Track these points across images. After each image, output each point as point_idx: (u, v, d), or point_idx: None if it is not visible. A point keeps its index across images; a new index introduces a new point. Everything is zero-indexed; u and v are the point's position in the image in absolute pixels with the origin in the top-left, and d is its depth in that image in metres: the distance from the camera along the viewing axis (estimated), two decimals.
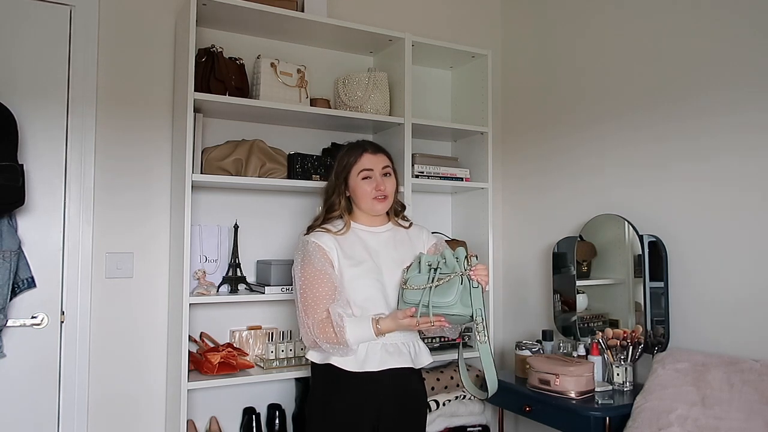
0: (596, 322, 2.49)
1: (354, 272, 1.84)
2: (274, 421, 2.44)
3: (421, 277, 1.79)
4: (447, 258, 1.79)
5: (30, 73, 2.20)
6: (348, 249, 1.88)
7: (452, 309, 1.72)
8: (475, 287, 1.73)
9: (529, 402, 2.26)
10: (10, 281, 2.06)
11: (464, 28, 3.11)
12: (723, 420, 1.80)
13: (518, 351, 2.51)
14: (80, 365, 2.24)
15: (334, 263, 1.85)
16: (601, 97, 2.59)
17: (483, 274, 1.74)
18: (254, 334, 2.48)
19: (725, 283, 2.10)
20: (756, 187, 2.02)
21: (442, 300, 1.72)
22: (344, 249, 1.88)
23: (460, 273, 1.74)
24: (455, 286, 1.72)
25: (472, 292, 1.73)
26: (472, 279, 1.72)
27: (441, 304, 1.71)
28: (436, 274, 1.76)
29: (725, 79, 2.12)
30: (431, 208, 2.99)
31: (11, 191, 1.94)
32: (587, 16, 2.68)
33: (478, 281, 1.73)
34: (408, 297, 1.78)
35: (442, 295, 1.72)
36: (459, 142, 3.02)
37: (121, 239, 2.35)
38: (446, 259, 1.79)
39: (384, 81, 2.62)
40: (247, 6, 2.30)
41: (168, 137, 2.44)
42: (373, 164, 1.93)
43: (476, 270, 1.73)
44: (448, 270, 1.77)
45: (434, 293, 1.73)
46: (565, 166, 2.75)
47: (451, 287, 1.72)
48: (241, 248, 2.45)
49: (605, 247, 2.51)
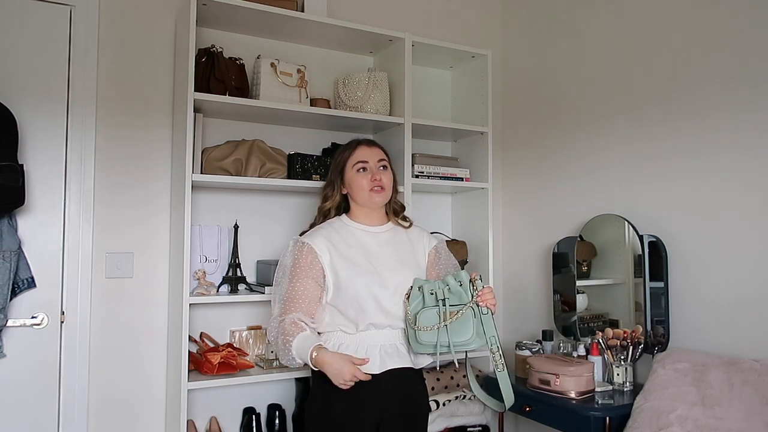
0: (596, 322, 2.49)
1: (350, 272, 1.82)
2: (274, 421, 2.44)
3: (429, 313, 1.74)
4: (451, 285, 1.75)
5: (30, 73, 2.20)
6: (344, 249, 1.86)
7: (471, 345, 1.70)
8: (485, 314, 1.70)
9: (529, 402, 2.26)
10: (10, 281, 2.06)
11: (464, 28, 3.11)
12: (723, 420, 1.80)
13: (518, 351, 2.51)
14: (80, 365, 2.24)
15: (325, 265, 1.83)
16: (601, 96, 2.59)
17: (490, 298, 1.72)
18: (254, 334, 2.48)
19: (725, 283, 2.10)
20: (756, 186, 2.02)
21: (460, 339, 1.69)
22: (339, 249, 1.85)
23: (470, 303, 1.70)
24: (470, 320, 1.70)
25: (483, 319, 1.70)
26: (480, 306, 1.70)
27: (459, 343, 1.69)
28: (446, 308, 1.72)
29: (725, 78, 2.12)
30: (431, 208, 2.99)
31: (11, 191, 1.94)
32: (587, 16, 2.68)
33: (487, 307, 1.71)
34: (423, 338, 1.72)
35: (459, 334, 1.69)
36: (459, 142, 3.02)
37: (120, 239, 2.35)
38: (450, 286, 1.75)
39: (384, 81, 2.62)
40: (247, 6, 2.30)
41: (168, 137, 2.43)
42: (369, 157, 1.92)
43: (483, 295, 1.71)
44: (455, 298, 1.73)
45: (451, 332, 1.69)
46: (565, 166, 2.75)
47: (466, 322, 1.69)
48: (241, 248, 2.45)
49: (605, 247, 2.51)
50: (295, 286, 1.81)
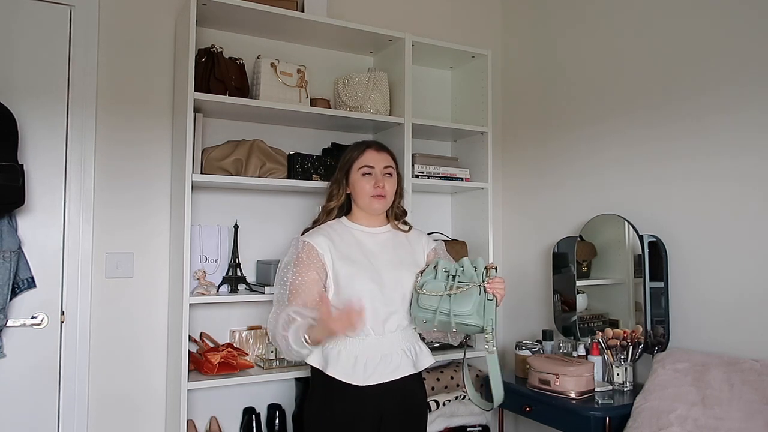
0: (596, 322, 2.49)
1: (349, 271, 1.83)
2: (274, 421, 2.44)
3: (437, 283, 1.78)
4: (465, 267, 1.79)
5: (30, 73, 2.20)
6: (344, 249, 1.87)
7: (468, 319, 1.72)
8: (490, 299, 1.73)
9: (529, 402, 2.26)
10: (10, 281, 2.06)
11: (464, 28, 3.11)
12: (723, 420, 1.80)
13: (518, 351, 2.51)
14: (80, 365, 2.24)
15: (327, 264, 1.84)
16: (601, 96, 2.59)
17: (500, 287, 1.74)
18: (254, 334, 2.48)
19: (725, 283, 2.10)
20: (756, 186, 2.02)
21: (459, 309, 1.72)
22: (339, 249, 1.86)
23: (478, 284, 1.74)
24: (473, 296, 1.73)
25: (486, 304, 1.73)
26: (488, 291, 1.73)
27: (458, 313, 1.72)
28: (455, 282, 1.76)
29: (725, 78, 2.12)
30: (431, 208, 2.99)
31: (11, 191, 1.94)
32: (587, 17, 2.68)
33: (494, 294, 1.73)
34: (424, 302, 1.77)
35: (460, 304, 1.72)
36: (459, 142, 3.02)
37: (120, 239, 2.35)
38: (464, 267, 1.79)
39: (384, 81, 2.62)
40: (247, 6, 2.30)
41: (168, 137, 2.43)
42: (375, 162, 1.93)
43: (493, 282, 1.74)
44: (466, 279, 1.77)
45: (453, 301, 1.72)
46: (565, 166, 2.75)
47: (468, 297, 1.73)
48: (241, 248, 2.45)
49: (605, 247, 2.51)
50: (296, 279, 1.81)
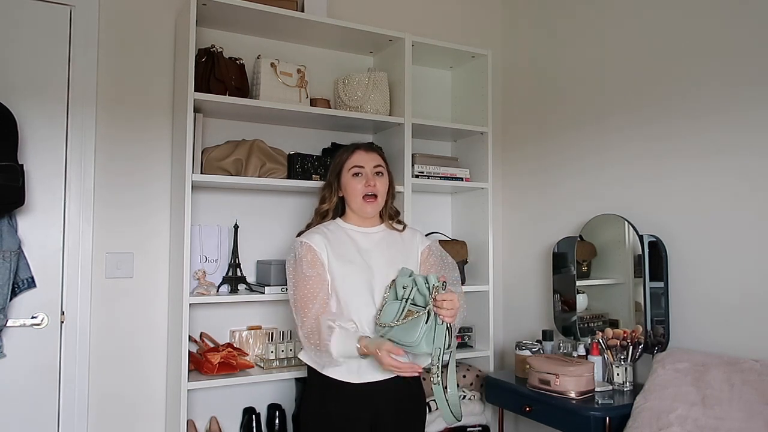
0: (596, 322, 2.49)
1: (344, 271, 1.84)
2: (274, 421, 2.44)
3: (392, 307, 1.74)
4: (419, 285, 1.71)
5: (30, 73, 2.20)
6: (338, 248, 1.88)
7: (417, 348, 1.66)
8: (440, 324, 1.65)
9: (529, 402, 2.26)
10: (10, 281, 2.06)
11: (464, 28, 3.11)
12: (723, 420, 1.80)
13: (518, 351, 2.51)
14: (80, 365, 2.24)
15: (325, 262, 1.85)
16: (601, 96, 2.59)
17: (446, 310, 1.64)
18: (254, 334, 2.48)
19: (725, 283, 2.10)
20: (756, 186, 2.02)
21: (407, 340, 1.65)
22: (335, 248, 1.87)
23: (426, 308, 1.66)
24: (419, 325, 1.65)
25: (437, 329, 1.65)
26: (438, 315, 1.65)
27: (406, 343, 1.65)
28: (406, 306, 1.70)
29: (725, 78, 2.12)
30: (431, 208, 2.99)
31: (11, 191, 1.94)
32: (587, 16, 2.68)
33: (443, 318, 1.64)
34: (378, 330, 1.75)
35: (406, 335, 1.66)
36: (459, 142, 3.02)
37: (120, 239, 2.35)
38: (418, 286, 1.71)
39: (384, 81, 2.62)
40: (247, 6, 2.30)
41: (168, 137, 2.43)
42: (365, 162, 1.94)
43: (440, 305, 1.65)
44: (420, 298, 1.70)
45: (399, 331, 1.67)
46: (565, 166, 2.75)
47: (414, 326, 1.65)
48: (241, 248, 2.45)
49: (605, 247, 2.51)
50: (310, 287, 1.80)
